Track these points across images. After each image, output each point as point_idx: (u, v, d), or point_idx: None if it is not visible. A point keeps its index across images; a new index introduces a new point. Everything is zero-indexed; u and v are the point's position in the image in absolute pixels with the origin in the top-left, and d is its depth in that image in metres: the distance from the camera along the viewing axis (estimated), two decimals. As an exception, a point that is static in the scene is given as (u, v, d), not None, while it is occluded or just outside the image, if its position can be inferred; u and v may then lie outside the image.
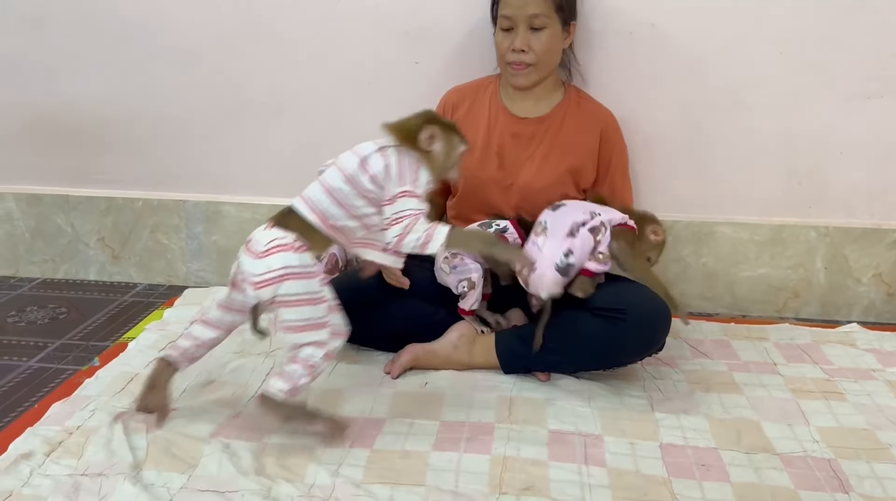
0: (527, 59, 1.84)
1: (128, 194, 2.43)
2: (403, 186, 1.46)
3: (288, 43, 2.20)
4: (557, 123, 1.93)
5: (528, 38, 1.82)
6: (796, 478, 1.42)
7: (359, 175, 1.47)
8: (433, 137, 1.50)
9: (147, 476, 1.41)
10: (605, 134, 1.94)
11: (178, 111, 2.32)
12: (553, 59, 1.89)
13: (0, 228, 2.50)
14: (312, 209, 1.48)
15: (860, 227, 2.16)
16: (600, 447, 1.52)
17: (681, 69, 2.07)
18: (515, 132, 1.93)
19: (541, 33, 1.82)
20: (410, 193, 1.46)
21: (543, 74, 1.89)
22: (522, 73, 1.87)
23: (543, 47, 1.83)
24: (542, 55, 1.84)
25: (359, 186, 1.47)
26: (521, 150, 1.92)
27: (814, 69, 2.04)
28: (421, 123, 1.50)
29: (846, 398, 1.72)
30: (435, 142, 1.50)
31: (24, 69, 2.33)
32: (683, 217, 2.21)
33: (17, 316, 2.22)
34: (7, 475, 1.40)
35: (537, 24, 1.81)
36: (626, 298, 1.69)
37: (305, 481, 1.40)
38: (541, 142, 1.92)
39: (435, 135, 1.50)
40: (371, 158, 1.48)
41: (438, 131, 1.50)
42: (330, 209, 1.47)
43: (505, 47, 1.86)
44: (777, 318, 2.22)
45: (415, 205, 1.45)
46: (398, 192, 1.46)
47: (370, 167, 1.47)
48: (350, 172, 1.47)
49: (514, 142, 1.92)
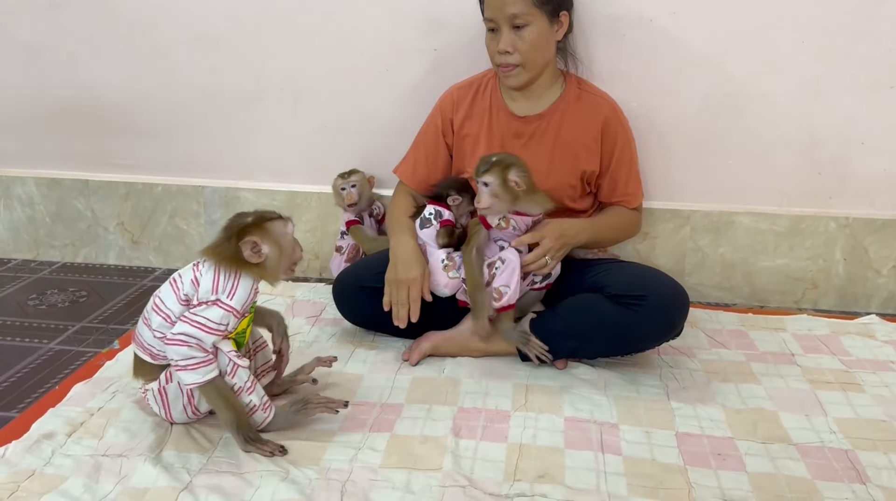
0: (512, 59, 1.79)
1: (147, 179, 2.45)
2: (215, 295, 1.40)
3: (306, 29, 2.20)
4: (558, 119, 1.89)
5: (512, 39, 1.77)
6: (813, 468, 1.42)
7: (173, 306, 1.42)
8: (257, 245, 1.40)
9: (167, 456, 1.43)
10: (607, 125, 1.89)
11: (197, 97, 2.33)
12: (542, 55, 1.83)
13: (21, 212, 2.53)
14: (151, 354, 1.47)
15: (880, 218, 2.14)
16: (616, 435, 1.52)
17: (701, 58, 2.06)
18: (517, 132, 1.91)
19: (524, 31, 1.77)
20: (220, 303, 1.39)
21: (535, 72, 1.85)
22: (512, 74, 1.83)
23: (528, 46, 1.78)
24: (528, 54, 1.79)
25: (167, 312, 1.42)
26: (523, 149, 1.88)
27: (836, 59, 2.02)
28: (235, 241, 1.39)
29: (864, 390, 1.71)
30: (262, 247, 1.40)
31: (46, 55, 2.35)
32: (702, 207, 2.20)
33: (38, 299, 2.24)
34: (29, 454, 1.43)
35: (519, 22, 1.75)
36: (646, 283, 1.70)
37: (323, 464, 1.41)
38: (542, 140, 1.90)
39: (258, 241, 1.40)
40: (184, 279, 1.43)
41: (259, 235, 1.40)
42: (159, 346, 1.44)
43: (493, 49, 1.82)
44: (795, 309, 2.21)
45: (219, 319, 1.38)
46: (209, 299, 1.39)
47: (181, 289, 1.42)
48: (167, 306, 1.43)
49: (516, 141, 1.91)
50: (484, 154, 1.83)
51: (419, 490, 1.34)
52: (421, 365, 1.80)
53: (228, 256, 1.40)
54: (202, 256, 1.44)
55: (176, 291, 1.43)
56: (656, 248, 2.24)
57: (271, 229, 1.42)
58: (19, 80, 2.39)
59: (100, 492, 1.33)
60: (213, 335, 1.39)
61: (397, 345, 1.89)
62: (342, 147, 2.31)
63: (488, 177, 1.68)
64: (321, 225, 2.37)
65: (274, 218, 1.44)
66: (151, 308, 1.45)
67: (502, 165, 1.69)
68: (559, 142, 1.89)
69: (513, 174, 1.68)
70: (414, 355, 1.80)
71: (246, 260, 1.41)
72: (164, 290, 1.45)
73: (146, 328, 1.45)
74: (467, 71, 2.06)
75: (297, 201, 2.36)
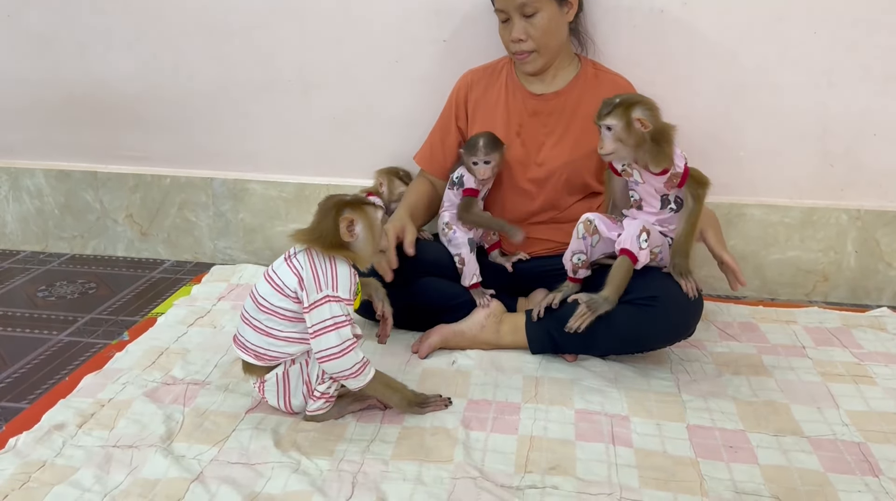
0: (526, 47, 1.83)
1: (156, 171, 2.45)
2: (321, 293, 1.40)
3: (316, 20, 2.19)
4: (576, 97, 1.91)
5: (524, 27, 1.80)
6: (825, 461, 1.42)
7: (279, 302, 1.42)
8: (353, 223, 1.41)
9: (178, 448, 1.43)
10: None
11: (206, 89, 2.33)
12: (555, 39, 1.86)
13: (30, 204, 2.53)
14: (256, 355, 1.46)
15: (893, 210, 2.13)
16: (627, 427, 1.51)
17: (713, 48, 2.05)
18: (534, 110, 1.92)
19: (535, 18, 1.80)
20: (330, 298, 1.40)
21: (550, 56, 1.88)
22: (528, 60, 1.86)
23: (540, 32, 1.81)
24: (541, 39, 1.82)
25: (283, 313, 1.43)
26: (541, 126, 1.91)
27: (849, 50, 2.01)
28: (334, 215, 1.40)
29: (876, 382, 1.70)
30: (356, 226, 1.42)
31: (56, 46, 2.35)
32: (713, 199, 2.16)
33: (47, 291, 2.25)
34: (40, 445, 1.43)
35: (528, 10, 1.79)
36: (658, 286, 1.68)
37: (335, 456, 1.41)
38: (560, 117, 1.91)
39: (355, 219, 1.41)
40: (283, 277, 1.42)
41: (357, 214, 1.41)
42: (267, 344, 1.45)
43: (506, 38, 1.85)
44: (806, 302, 2.20)
45: (337, 312, 1.40)
46: (318, 299, 1.40)
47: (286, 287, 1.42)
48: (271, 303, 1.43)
49: (534, 120, 1.92)
50: (502, 136, 1.86)
51: (430, 482, 1.34)
52: (430, 358, 1.80)
53: (322, 234, 1.40)
54: (294, 240, 1.43)
55: (278, 288, 1.42)
56: (666, 240, 2.23)
57: (367, 211, 1.44)
58: (29, 71, 2.39)
59: (111, 483, 1.33)
60: (345, 327, 1.40)
61: (406, 338, 1.88)
62: (351, 139, 2.30)
63: (610, 119, 1.57)
64: (330, 217, 2.37)
65: (371, 203, 1.46)
66: (255, 309, 1.44)
67: (625, 104, 1.57)
68: (577, 118, 1.89)
69: (638, 112, 1.56)
70: (423, 348, 1.80)
71: (339, 240, 1.40)
72: (263, 288, 1.44)
73: (249, 328, 1.45)
74: (477, 61, 2.05)
75: (305, 193, 2.36)
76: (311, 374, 1.47)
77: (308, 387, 1.48)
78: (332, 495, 1.30)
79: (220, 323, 1.96)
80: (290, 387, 1.48)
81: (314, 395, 1.48)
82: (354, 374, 1.43)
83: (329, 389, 1.48)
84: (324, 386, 1.47)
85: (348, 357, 1.40)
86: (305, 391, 1.49)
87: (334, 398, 1.51)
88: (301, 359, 1.47)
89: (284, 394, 1.49)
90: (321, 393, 1.48)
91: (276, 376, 1.48)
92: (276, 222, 2.41)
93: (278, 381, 1.48)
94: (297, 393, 1.49)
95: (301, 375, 1.48)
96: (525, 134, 1.92)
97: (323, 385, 1.47)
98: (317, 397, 1.48)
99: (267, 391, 1.50)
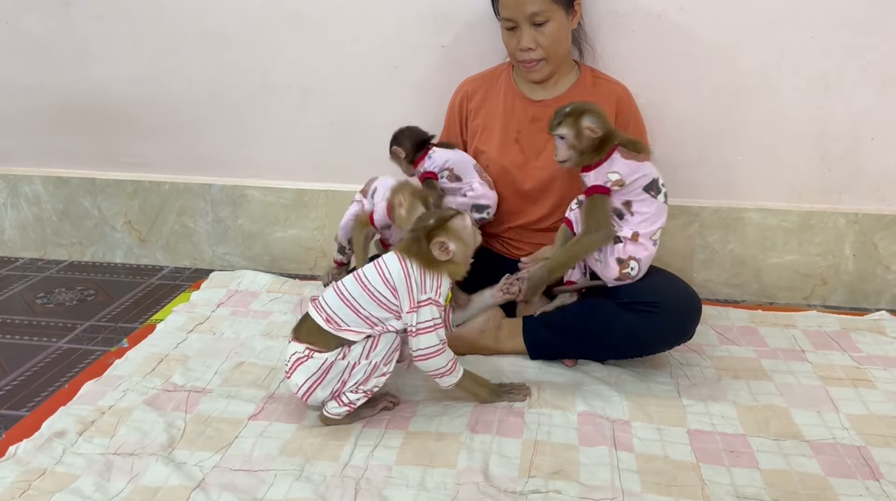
0: (535, 55, 1.83)
1: (154, 177, 2.45)
2: (426, 295, 1.48)
3: (315, 26, 2.19)
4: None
5: (534, 36, 1.81)
6: (826, 465, 1.42)
7: (379, 286, 1.48)
8: (444, 244, 1.47)
9: (180, 455, 1.42)
10: (620, 106, 1.92)
11: (205, 95, 2.33)
12: (563, 47, 1.87)
13: (28, 210, 2.53)
14: (328, 318, 1.49)
15: (890, 214, 2.13)
16: (628, 431, 1.51)
17: (711, 53, 2.05)
18: (533, 116, 1.92)
19: (544, 27, 1.80)
20: (433, 301, 1.48)
21: (557, 63, 1.89)
22: (536, 69, 1.86)
23: (550, 40, 1.81)
24: (550, 48, 1.82)
25: (377, 296, 1.48)
26: (540, 132, 1.90)
27: (847, 53, 2.02)
28: (425, 243, 1.48)
29: (876, 386, 1.71)
30: (448, 245, 1.48)
31: (54, 52, 2.35)
32: (711, 203, 2.19)
33: (46, 298, 2.24)
34: (41, 453, 1.42)
35: (539, 20, 1.79)
36: (658, 290, 1.69)
37: (338, 462, 1.41)
38: None
39: (445, 240, 1.47)
40: (392, 269, 1.49)
41: (445, 236, 1.48)
42: (345, 316, 1.48)
43: (513, 47, 1.85)
44: (805, 305, 2.21)
45: (437, 314, 1.48)
46: (423, 299, 1.47)
47: (391, 279, 1.48)
48: (371, 284, 1.49)
49: (533, 126, 1.92)
50: (501, 142, 1.87)
51: (433, 487, 1.34)
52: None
53: (423, 257, 1.48)
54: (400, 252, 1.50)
55: (383, 276, 1.48)
56: (665, 245, 2.21)
57: (453, 227, 1.50)
58: (27, 77, 2.39)
59: (111, 491, 1.33)
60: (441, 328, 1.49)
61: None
62: (350, 145, 2.30)
63: (562, 129, 1.65)
64: (329, 223, 2.37)
65: (453, 216, 1.51)
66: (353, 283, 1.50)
67: (575, 114, 1.64)
68: None
69: (587, 121, 1.62)
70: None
71: (436, 259, 1.47)
72: (370, 272, 1.50)
73: (337, 297, 1.49)
74: (476, 67, 2.06)
75: (304, 199, 2.36)
76: (350, 378, 1.48)
77: (341, 387, 1.49)
78: (335, 501, 1.30)
79: (219, 329, 1.96)
80: (325, 378, 1.48)
81: (341, 399, 1.49)
82: (449, 371, 1.51)
83: (358, 400, 1.49)
84: (355, 396, 1.49)
85: (443, 356, 1.49)
86: (336, 390, 1.48)
87: (356, 407, 1.51)
88: (352, 358, 1.48)
89: (316, 381, 1.48)
90: (349, 401, 1.49)
91: (326, 360, 1.47)
92: (275, 228, 2.41)
93: (322, 366, 1.47)
94: (326, 387, 1.48)
95: (342, 374, 1.48)
96: (524, 140, 1.93)
97: (354, 395, 1.49)
98: (343, 403, 1.49)
99: (304, 366, 1.49)
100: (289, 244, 2.42)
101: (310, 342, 1.49)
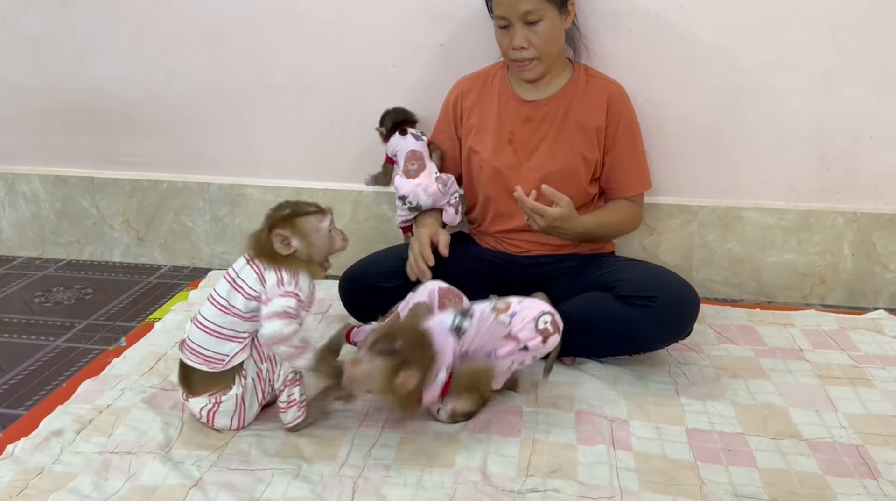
0: (528, 54, 1.81)
1: (153, 176, 2.44)
2: (283, 288, 1.40)
3: (313, 25, 2.19)
4: (567, 101, 1.90)
5: (526, 35, 1.79)
6: (824, 464, 1.42)
7: (233, 298, 1.42)
8: (286, 239, 1.41)
9: (177, 454, 1.42)
10: (611, 103, 1.90)
11: (203, 93, 2.32)
12: (556, 46, 1.85)
13: (26, 209, 2.52)
14: (208, 358, 1.42)
15: (889, 213, 2.13)
16: (626, 430, 1.52)
17: (709, 52, 2.05)
18: (527, 116, 1.91)
19: (537, 26, 1.77)
20: (291, 294, 1.40)
21: (550, 63, 1.86)
22: (528, 68, 1.84)
23: (542, 39, 1.79)
24: (542, 47, 1.80)
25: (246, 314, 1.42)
26: (533, 132, 1.90)
27: (846, 53, 2.01)
28: (266, 235, 1.42)
29: (874, 385, 1.71)
30: (291, 240, 1.42)
31: (52, 51, 2.35)
32: (710, 202, 2.19)
33: (44, 297, 2.24)
34: (38, 452, 1.42)
35: (532, 18, 1.76)
36: (657, 284, 1.69)
37: (337, 461, 1.41)
38: (552, 123, 1.90)
39: (287, 235, 1.41)
40: (242, 274, 1.43)
41: (290, 229, 1.42)
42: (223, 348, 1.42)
43: (506, 45, 1.83)
44: (803, 304, 2.21)
45: (294, 305, 1.39)
46: (280, 292, 1.40)
47: (243, 284, 1.42)
48: (235, 307, 1.42)
49: (526, 126, 1.91)
50: (494, 143, 1.88)
51: (431, 487, 1.34)
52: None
53: (263, 249, 1.42)
54: (248, 249, 1.45)
55: (247, 295, 1.41)
56: (663, 243, 2.23)
57: (301, 224, 1.43)
58: (25, 76, 2.39)
59: (109, 490, 1.32)
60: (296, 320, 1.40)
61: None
62: (348, 143, 2.30)
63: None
64: (327, 222, 2.37)
65: (308, 212, 1.45)
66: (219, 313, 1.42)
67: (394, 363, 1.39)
68: (568, 123, 1.89)
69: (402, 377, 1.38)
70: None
71: (277, 254, 1.41)
72: (228, 295, 1.42)
73: (199, 330, 1.42)
74: (473, 65, 2.05)
75: (303, 198, 2.31)
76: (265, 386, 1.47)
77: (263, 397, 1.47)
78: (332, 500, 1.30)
79: (217, 328, 1.96)
80: (247, 404, 1.47)
81: (281, 406, 1.46)
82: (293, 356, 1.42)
83: (293, 395, 1.46)
84: (285, 396, 1.46)
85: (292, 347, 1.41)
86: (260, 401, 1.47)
87: (305, 402, 1.49)
88: (251, 372, 1.44)
89: (241, 413, 1.47)
90: (287, 403, 1.46)
91: (236, 395, 1.44)
92: (274, 227, 2.41)
93: (237, 401, 1.45)
94: (252, 406, 1.47)
95: (255, 392, 1.46)
96: (517, 141, 1.91)
97: (284, 395, 1.46)
98: (285, 407, 1.46)
99: (220, 413, 1.45)
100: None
101: (209, 391, 1.45)
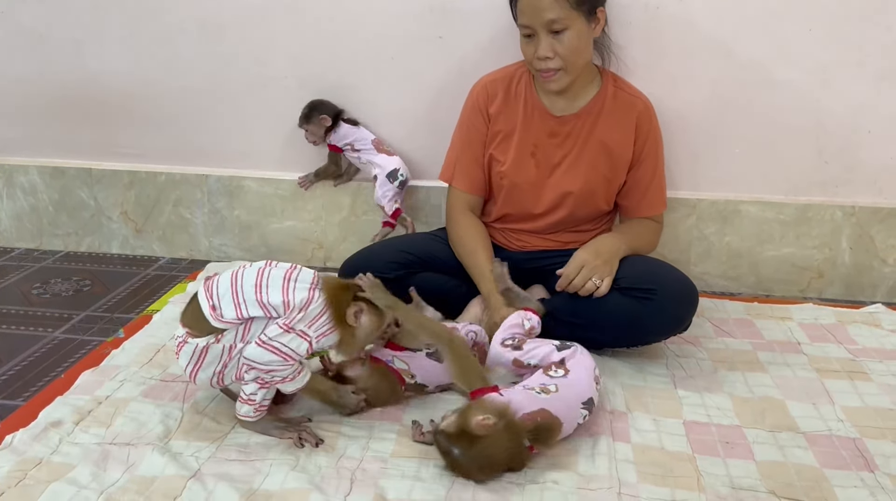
0: (553, 64, 1.72)
1: (151, 167, 2.44)
2: (304, 327, 1.39)
3: (312, 17, 2.18)
4: (594, 117, 1.84)
5: (552, 44, 1.70)
6: (821, 457, 1.42)
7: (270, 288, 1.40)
8: (360, 314, 1.44)
9: (176, 445, 1.43)
10: (640, 124, 1.85)
11: (201, 85, 2.32)
12: (583, 56, 1.76)
13: (24, 201, 2.52)
14: (213, 306, 1.40)
15: (887, 207, 2.13)
16: (625, 423, 1.52)
17: (708, 45, 2.05)
18: (552, 131, 1.85)
19: (563, 35, 1.69)
20: (305, 337, 1.39)
21: (576, 73, 1.77)
22: (553, 79, 1.75)
23: (568, 49, 1.70)
24: (568, 57, 1.72)
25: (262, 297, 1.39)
26: (557, 147, 1.85)
27: (845, 47, 2.01)
28: (350, 298, 1.43)
29: (871, 378, 1.71)
30: (362, 317, 1.45)
31: (50, 43, 2.34)
32: (708, 195, 2.19)
33: (42, 288, 2.24)
34: (37, 442, 1.42)
35: (557, 27, 1.68)
36: (656, 277, 1.69)
37: (335, 453, 1.41)
38: (576, 139, 1.85)
39: (362, 311, 1.44)
40: (298, 286, 1.40)
41: (368, 313, 1.45)
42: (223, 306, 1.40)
43: (530, 55, 1.75)
44: (801, 298, 2.21)
45: (295, 348, 1.38)
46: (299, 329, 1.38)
47: (290, 291, 1.40)
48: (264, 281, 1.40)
49: (551, 140, 1.86)
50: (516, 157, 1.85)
51: (429, 478, 1.34)
52: (427, 354, 1.80)
53: (337, 302, 1.42)
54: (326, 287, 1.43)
55: (283, 292, 1.39)
56: (662, 237, 2.22)
57: (382, 316, 1.48)
58: (23, 67, 2.38)
59: (107, 480, 1.33)
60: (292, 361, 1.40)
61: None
62: (346, 136, 2.29)
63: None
64: (325, 215, 2.37)
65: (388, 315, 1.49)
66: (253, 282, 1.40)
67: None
68: (592, 142, 1.84)
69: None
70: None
71: (343, 316, 1.42)
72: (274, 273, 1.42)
73: (228, 287, 1.40)
74: (473, 58, 2.05)
75: (301, 190, 2.35)
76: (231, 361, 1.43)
77: (223, 369, 1.43)
78: (331, 492, 1.30)
79: (216, 320, 1.96)
80: (204, 361, 1.41)
81: (242, 395, 1.44)
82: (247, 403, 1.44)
83: (255, 395, 1.43)
84: (249, 389, 1.43)
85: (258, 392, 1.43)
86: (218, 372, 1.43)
87: (264, 409, 1.46)
88: (226, 341, 1.41)
89: (196, 364, 1.42)
90: (247, 397, 1.43)
91: (197, 345, 1.40)
92: (272, 220, 2.41)
93: (195, 351, 1.41)
94: (207, 369, 1.42)
95: (221, 356, 1.41)
96: (539, 154, 1.86)
97: (249, 388, 1.43)
98: (245, 399, 1.44)
99: (183, 351, 1.42)
100: (285, 236, 2.42)
101: (189, 327, 1.42)
